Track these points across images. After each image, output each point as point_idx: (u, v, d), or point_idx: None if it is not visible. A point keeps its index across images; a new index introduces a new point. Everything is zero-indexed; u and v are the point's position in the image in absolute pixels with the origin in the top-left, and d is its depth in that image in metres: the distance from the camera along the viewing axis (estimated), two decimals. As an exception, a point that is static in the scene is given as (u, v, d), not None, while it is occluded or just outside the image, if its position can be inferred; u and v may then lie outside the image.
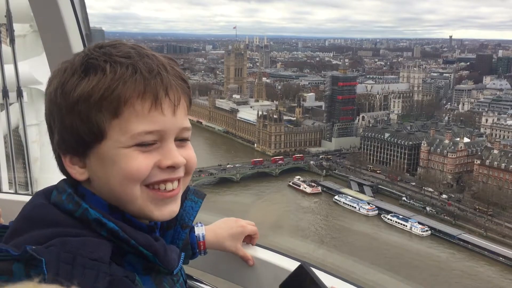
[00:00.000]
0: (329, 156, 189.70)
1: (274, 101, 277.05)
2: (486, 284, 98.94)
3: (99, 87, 1.62)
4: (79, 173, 1.72)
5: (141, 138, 1.66)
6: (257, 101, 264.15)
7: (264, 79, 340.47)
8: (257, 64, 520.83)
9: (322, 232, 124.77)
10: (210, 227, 2.84)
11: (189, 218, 2.04)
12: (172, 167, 1.73)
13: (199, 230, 2.68)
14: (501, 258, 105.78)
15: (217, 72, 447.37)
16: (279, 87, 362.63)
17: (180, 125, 1.77)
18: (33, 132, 9.19)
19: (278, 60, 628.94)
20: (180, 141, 1.80)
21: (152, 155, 1.70)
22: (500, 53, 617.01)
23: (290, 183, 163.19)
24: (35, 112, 9.38)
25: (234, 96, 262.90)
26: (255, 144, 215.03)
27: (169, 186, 1.75)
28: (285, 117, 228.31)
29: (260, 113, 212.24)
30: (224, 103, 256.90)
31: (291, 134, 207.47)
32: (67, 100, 1.64)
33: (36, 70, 8.32)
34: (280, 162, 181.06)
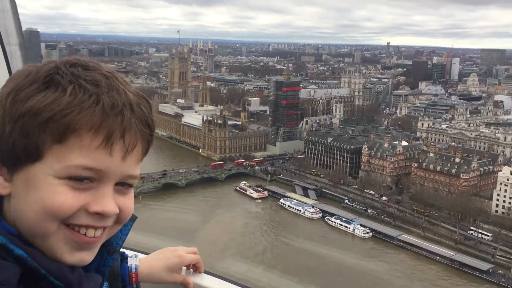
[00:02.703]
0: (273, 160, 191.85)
1: (219, 106, 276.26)
2: (419, 283, 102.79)
3: (52, 107, 1.47)
4: (1, 186, 1.57)
5: (76, 172, 1.49)
6: (201, 105, 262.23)
7: (208, 83, 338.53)
8: (202, 68, 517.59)
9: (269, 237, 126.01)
10: (145, 258, 2.67)
11: (117, 243, 1.87)
12: (101, 214, 1.55)
13: (132, 261, 2.46)
14: (437, 257, 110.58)
15: (161, 76, 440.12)
16: (224, 92, 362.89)
17: (126, 172, 1.60)
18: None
19: (223, 64, 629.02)
20: (123, 185, 1.62)
21: (83, 195, 1.52)
22: (435, 59, 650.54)
23: (237, 188, 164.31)
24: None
25: (178, 100, 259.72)
26: (200, 149, 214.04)
27: (91, 232, 1.57)
28: (230, 122, 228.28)
29: (205, 117, 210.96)
30: (168, 108, 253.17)
31: (236, 138, 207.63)
32: (15, 108, 1.50)
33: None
34: (220, 167, 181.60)
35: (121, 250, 2.07)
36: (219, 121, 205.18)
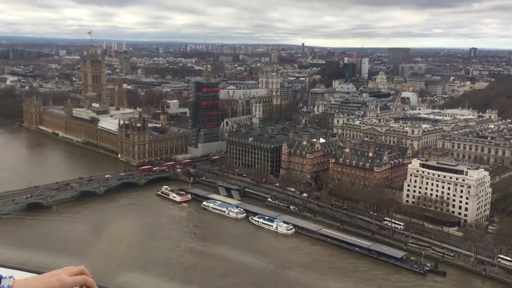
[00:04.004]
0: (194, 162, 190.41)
1: (137, 109, 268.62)
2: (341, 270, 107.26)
3: None
4: None
5: None
6: (118, 109, 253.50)
7: (125, 86, 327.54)
8: (117, 70, 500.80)
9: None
10: (22, 280, 2.64)
11: None
12: None
13: (5, 282, 2.47)
14: (356, 248, 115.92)
15: (73, 79, 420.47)
16: (142, 94, 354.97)
17: None
18: None
19: (139, 66, 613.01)
20: None
21: None
22: (346, 59, 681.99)
23: (159, 193, 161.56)
24: None
25: (93, 104, 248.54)
26: (119, 155, 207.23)
27: None
28: (150, 125, 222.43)
29: (122, 121, 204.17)
30: (82, 112, 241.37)
31: (157, 142, 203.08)
32: None
33: None
34: (149, 171, 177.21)
35: (5, 268, 2.19)
36: (138, 125, 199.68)
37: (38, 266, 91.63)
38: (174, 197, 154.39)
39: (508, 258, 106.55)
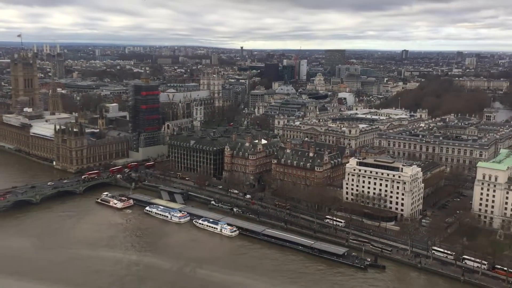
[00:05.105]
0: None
1: (74, 113, 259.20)
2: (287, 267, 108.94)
3: None
4: None
5: None
6: (53, 114, 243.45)
7: (59, 90, 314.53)
8: (50, 74, 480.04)
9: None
10: None
11: None
12: None
13: None
14: (299, 247, 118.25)
15: (3, 83, 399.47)
16: (78, 98, 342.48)
17: None
18: None
19: (75, 69, 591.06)
20: None
21: None
22: (285, 62, 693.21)
23: (98, 200, 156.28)
24: None
25: (25, 109, 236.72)
26: (55, 162, 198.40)
27: None
28: (87, 130, 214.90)
29: (58, 127, 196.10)
30: (13, 118, 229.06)
31: (95, 147, 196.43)
32: None
33: None
34: (98, 175, 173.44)
35: None
36: (75, 130, 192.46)
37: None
38: (115, 204, 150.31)
39: (441, 250, 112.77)
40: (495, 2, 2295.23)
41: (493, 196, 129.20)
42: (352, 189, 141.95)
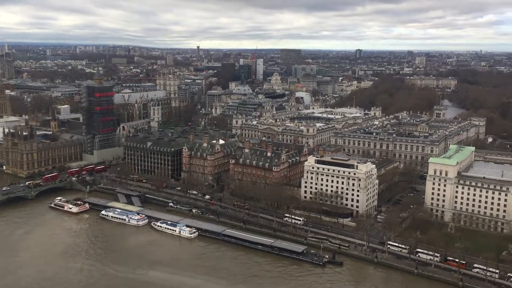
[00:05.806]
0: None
1: (24, 116, 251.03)
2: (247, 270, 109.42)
3: None
4: None
5: None
6: (1, 116, 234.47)
7: (8, 91, 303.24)
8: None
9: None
10: None
11: None
12: None
13: None
14: (259, 246, 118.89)
15: None
16: (29, 100, 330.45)
17: None
18: None
19: (24, 70, 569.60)
20: None
21: None
22: (241, 61, 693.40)
23: (52, 205, 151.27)
24: None
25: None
26: (4, 166, 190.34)
27: None
28: (40, 132, 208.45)
29: (7, 130, 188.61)
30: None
31: (47, 150, 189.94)
32: None
33: None
34: (55, 179, 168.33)
35: None
36: (25, 133, 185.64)
37: None
38: (70, 208, 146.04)
39: (396, 244, 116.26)
40: (443, 3, 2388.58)
41: (444, 190, 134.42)
42: (311, 187, 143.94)
